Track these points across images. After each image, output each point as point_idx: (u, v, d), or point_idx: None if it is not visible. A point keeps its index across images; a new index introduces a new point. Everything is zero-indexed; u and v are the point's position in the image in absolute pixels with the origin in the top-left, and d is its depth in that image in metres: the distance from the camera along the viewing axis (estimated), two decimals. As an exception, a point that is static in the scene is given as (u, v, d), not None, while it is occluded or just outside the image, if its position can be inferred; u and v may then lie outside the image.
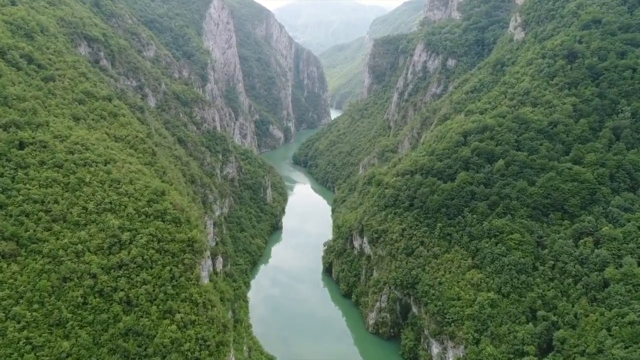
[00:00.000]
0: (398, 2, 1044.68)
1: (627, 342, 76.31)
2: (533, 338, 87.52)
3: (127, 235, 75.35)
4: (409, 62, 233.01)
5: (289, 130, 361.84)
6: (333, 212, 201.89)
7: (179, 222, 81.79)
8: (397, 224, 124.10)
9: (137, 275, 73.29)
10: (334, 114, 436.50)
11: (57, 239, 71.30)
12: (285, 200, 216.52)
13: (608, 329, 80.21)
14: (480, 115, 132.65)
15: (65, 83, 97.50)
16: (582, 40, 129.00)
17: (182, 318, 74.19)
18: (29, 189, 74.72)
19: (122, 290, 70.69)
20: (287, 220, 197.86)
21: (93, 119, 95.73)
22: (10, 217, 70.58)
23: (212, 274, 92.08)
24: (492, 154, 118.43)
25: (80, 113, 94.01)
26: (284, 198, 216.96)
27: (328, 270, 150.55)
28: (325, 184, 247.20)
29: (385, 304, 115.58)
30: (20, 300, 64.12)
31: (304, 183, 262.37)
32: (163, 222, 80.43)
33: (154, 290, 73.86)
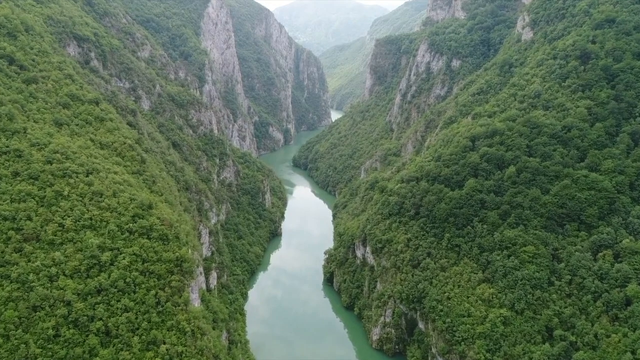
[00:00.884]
0: (399, 2, 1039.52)
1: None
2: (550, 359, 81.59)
3: (107, 256, 68.31)
4: (412, 62, 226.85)
5: (289, 132, 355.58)
6: (334, 217, 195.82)
7: (167, 239, 74.44)
8: (402, 234, 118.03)
9: (117, 302, 66.22)
10: (335, 115, 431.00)
11: (28, 261, 64.33)
12: (285, 205, 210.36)
13: (633, 352, 75.35)
14: (489, 119, 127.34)
15: (49, 85, 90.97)
16: (595, 40, 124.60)
17: (168, 350, 66.54)
18: (-1, 205, 67.53)
19: (99, 320, 63.55)
20: (286, 226, 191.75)
21: (77, 124, 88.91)
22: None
23: (204, 292, 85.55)
24: (502, 160, 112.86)
25: (64, 118, 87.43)
26: (284, 203, 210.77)
27: (329, 281, 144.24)
28: (326, 188, 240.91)
29: (390, 319, 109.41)
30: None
31: (304, 187, 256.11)
32: (149, 239, 73.10)
33: (137, 319, 66.55)
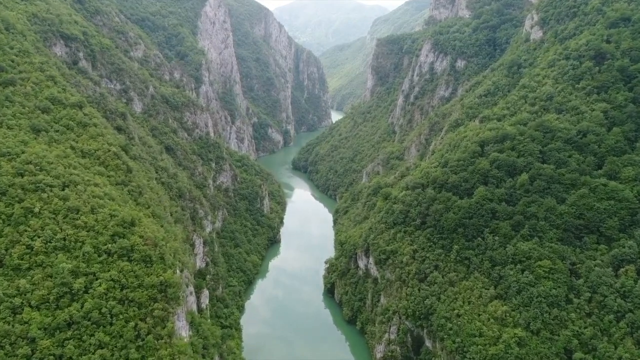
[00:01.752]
0: (399, 1, 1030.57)
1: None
2: (570, 386, 75.60)
3: (80, 282, 60.44)
4: (415, 63, 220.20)
5: (289, 133, 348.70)
6: (335, 223, 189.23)
7: (150, 260, 66.66)
8: (407, 245, 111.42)
9: (90, 337, 58.31)
10: (335, 116, 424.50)
11: (-13, 292, 56.70)
12: (284, 210, 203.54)
13: (662, 380, 68.25)
14: (498, 122, 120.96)
15: (28, 88, 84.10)
16: (610, 40, 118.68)
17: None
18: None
19: (69, 359, 55.63)
20: (285, 232, 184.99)
21: (57, 131, 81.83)
22: None
23: (194, 315, 78.72)
24: (513, 167, 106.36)
25: (42, 124, 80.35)
26: (283, 207, 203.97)
27: (330, 292, 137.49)
28: (326, 192, 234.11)
29: (395, 336, 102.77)
30: None
31: (304, 190, 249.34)
32: (129, 262, 65.42)
33: (113, 356, 58.50)
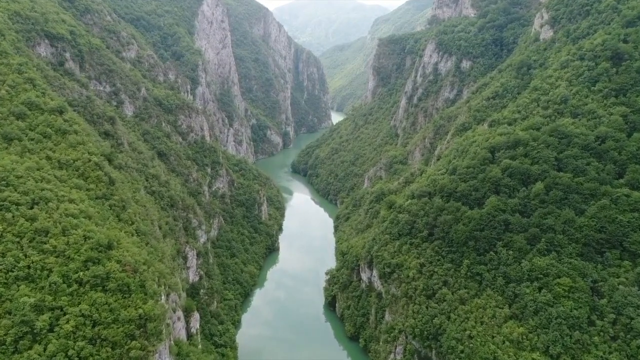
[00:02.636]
0: (400, 1, 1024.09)
1: None
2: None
3: (44, 320, 52.52)
4: (418, 63, 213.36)
5: (288, 135, 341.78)
6: (336, 230, 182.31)
7: (128, 290, 58.99)
8: (413, 258, 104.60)
9: None
10: (335, 117, 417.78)
11: None
12: (283, 216, 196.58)
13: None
14: (509, 127, 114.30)
15: (3, 92, 77.36)
16: (627, 40, 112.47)
17: None
18: None
19: None
20: (284, 239, 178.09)
21: (32, 139, 74.87)
22: None
23: (181, 345, 71.86)
24: (527, 175, 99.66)
25: (15, 131, 73.21)
26: (281, 213, 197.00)
27: (331, 305, 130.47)
28: (327, 196, 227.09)
29: (401, 357, 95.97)
30: None
31: (304, 194, 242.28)
32: (104, 292, 57.42)
33: None
